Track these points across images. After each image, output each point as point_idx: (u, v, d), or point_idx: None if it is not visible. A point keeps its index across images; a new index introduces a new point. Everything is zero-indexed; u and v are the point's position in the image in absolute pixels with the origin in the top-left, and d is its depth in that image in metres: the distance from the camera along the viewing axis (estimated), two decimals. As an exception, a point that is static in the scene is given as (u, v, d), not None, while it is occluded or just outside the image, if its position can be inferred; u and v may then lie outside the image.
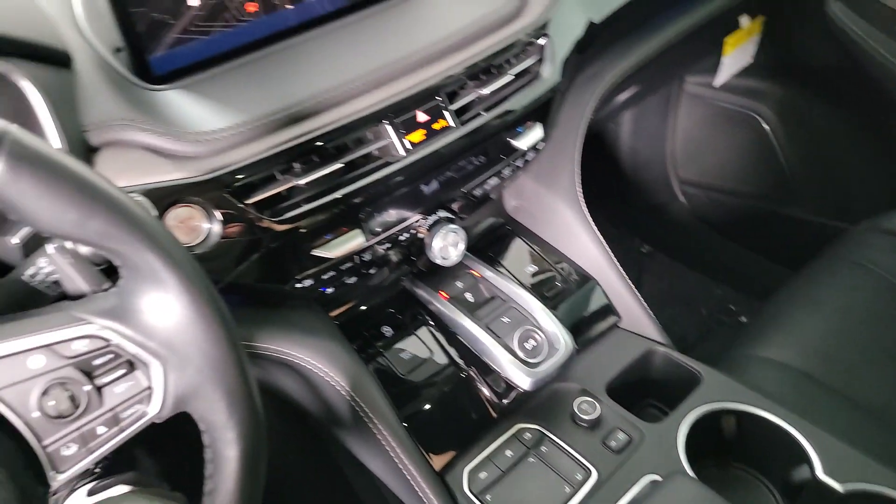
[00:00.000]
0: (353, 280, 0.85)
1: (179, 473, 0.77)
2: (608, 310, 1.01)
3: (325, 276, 0.81)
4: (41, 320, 0.42)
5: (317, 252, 0.76)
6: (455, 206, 0.92)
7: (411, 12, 0.83)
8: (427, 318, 0.94)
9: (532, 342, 0.86)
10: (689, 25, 1.15)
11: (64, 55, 0.63)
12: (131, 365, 0.44)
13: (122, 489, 0.72)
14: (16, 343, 0.41)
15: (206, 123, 0.66)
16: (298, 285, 0.79)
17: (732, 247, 1.73)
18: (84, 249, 0.51)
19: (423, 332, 0.93)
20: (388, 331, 0.92)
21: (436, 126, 0.79)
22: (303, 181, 0.70)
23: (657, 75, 1.45)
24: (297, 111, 0.69)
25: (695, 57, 1.47)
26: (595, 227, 1.02)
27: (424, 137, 0.78)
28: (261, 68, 0.74)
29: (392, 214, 0.83)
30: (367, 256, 0.83)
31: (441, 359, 0.90)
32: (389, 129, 0.75)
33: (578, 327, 0.97)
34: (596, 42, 0.96)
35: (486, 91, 0.82)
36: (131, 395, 0.44)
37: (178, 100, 0.68)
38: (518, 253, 1.05)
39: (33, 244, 0.60)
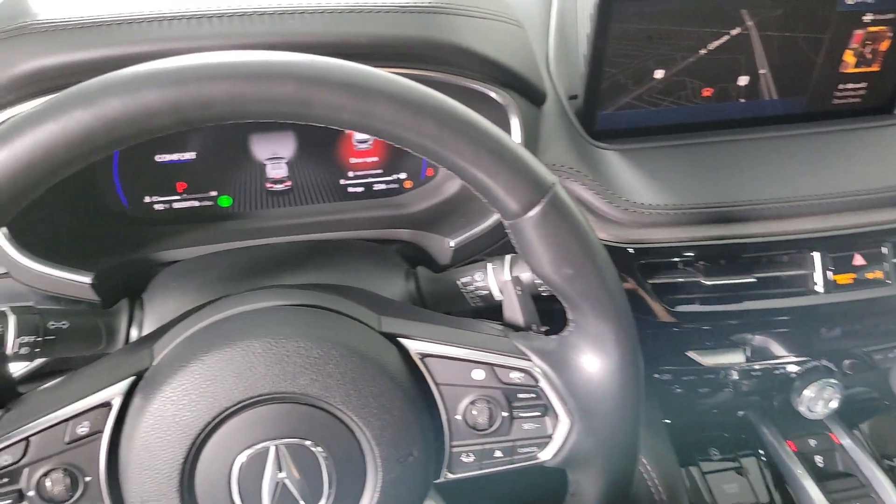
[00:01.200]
0: (704, 390, 0.80)
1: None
2: None
3: (684, 377, 0.78)
4: (488, 340, 0.46)
5: (691, 354, 0.74)
6: (845, 362, 0.81)
7: (879, 141, 0.75)
8: (762, 459, 0.85)
9: (886, 549, 0.73)
10: None
11: (543, 95, 0.68)
12: (545, 410, 0.46)
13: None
14: (467, 352, 0.45)
15: (636, 194, 0.67)
16: (657, 375, 0.77)
17: None
18: (526, 277, 0.54)
19: (753, 471, 0.85)
20: (715, 453, 0.86)
21: (869, 275, 0.71)
22: (708, 282, 0.67)
23: None
24: (727, 211, 0.67)
25: None
26: None
27: (852, 282, 0.70)
28: (698, 153, 0.72)
29: (776, 345, 0.76)
30: (733, 375, 0.78)
31: (762, 506, 0.82)
32: (818, 261, 0.70)
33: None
34: None
35: (946, 258, 0.71)
36: (533, 437, 0.46)
37: (616, 162, 0.70)
38: (894, 438, 0.89)
39: (463, 252, 0.67)
